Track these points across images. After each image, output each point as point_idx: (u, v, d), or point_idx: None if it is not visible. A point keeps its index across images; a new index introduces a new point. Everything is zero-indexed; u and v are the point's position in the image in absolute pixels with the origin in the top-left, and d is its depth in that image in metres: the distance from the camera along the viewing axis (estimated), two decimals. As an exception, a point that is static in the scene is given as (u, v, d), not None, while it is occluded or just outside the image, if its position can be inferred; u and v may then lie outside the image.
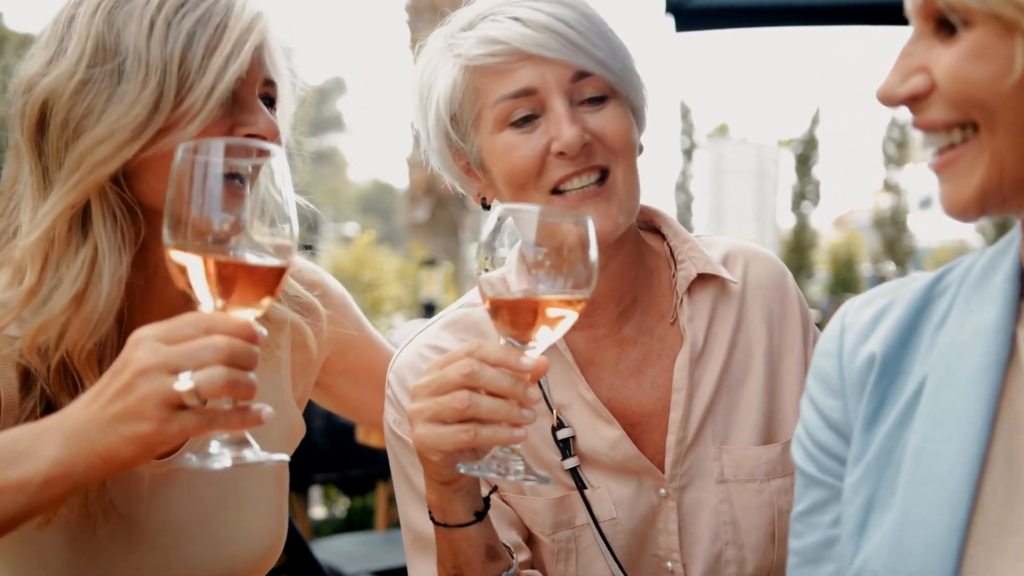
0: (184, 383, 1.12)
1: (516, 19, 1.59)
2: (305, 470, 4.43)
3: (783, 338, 1.80)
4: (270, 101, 1.62)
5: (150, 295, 1.63)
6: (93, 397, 1.19)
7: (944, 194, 1.09)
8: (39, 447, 1.19)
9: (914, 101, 1.09)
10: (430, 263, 11.58)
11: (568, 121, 1.58)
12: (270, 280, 1.22)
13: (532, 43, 1.57)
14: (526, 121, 1.60)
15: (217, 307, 1.19)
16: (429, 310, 9.64)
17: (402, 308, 10.16)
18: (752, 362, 1.77)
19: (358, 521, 6.07)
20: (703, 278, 1.78)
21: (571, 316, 1.35)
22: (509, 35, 1.58)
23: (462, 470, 1.39)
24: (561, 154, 1.59)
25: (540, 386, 1.71)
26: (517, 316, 1.34)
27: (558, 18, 1.59)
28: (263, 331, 1.18)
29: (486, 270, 1.36)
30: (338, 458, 4.65)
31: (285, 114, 1.68)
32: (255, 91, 1.57)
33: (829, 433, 1.30)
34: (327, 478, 4.85)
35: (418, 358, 1.76)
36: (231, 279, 1.18)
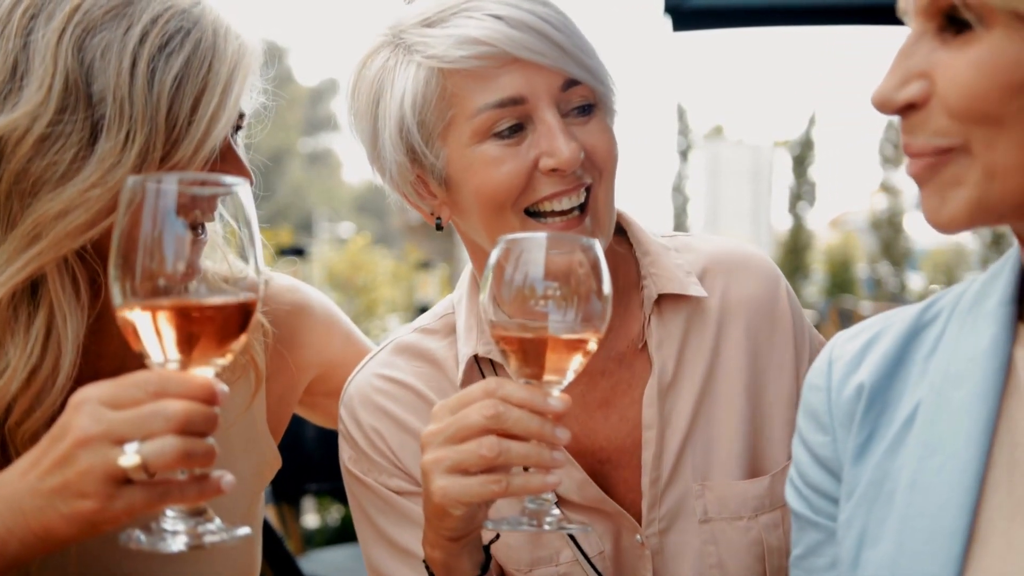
0: (130, 457, 0.99)
1: (496, 17, 1.42)
2: (298, 479, 4.32)
3: (770, 360, 1.62)
4: (239, 128, 1.46)
5: (103, 336, 1.44)
6: (30, 465, 1.05)
7: (927, 207, 1.02)
8: None
9: (909, 110, 1.00)
10: (425, 265, 11.52)
11: (564, 135, 1.42)
12: (235, 320, 1.06)
13: (520, 46, 1.40)
14: (512, 132, 1.44)
15: (173, 361, 1.04)
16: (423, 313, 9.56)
17: (397, 310, 10.09)
18: (732, 389, 1.60)
19: (351, 531, 5.99)
20: (673, 296, 1.60)
21: (592, 349, 1.23)
22: (493, 35, 1.40)
23: (490, 527, 1.26)
24: (553, 171, 1.43)
25: None
26: (534, 354, 1.21)
27: (542, 18, 1.43)
28: (224, 388, 1.03)
29: (490, 306, 1.22)
30: (331, 467, 4.54)
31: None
32: (232, 133, 1.42)
33: (820, 471, 1.25)
34: (320, 488, 4.75)
35: (370, 389, 1.62)
36: (190, 326, 1.03)
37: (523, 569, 1.56)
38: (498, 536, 1.50)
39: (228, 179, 1.09)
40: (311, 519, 6.26)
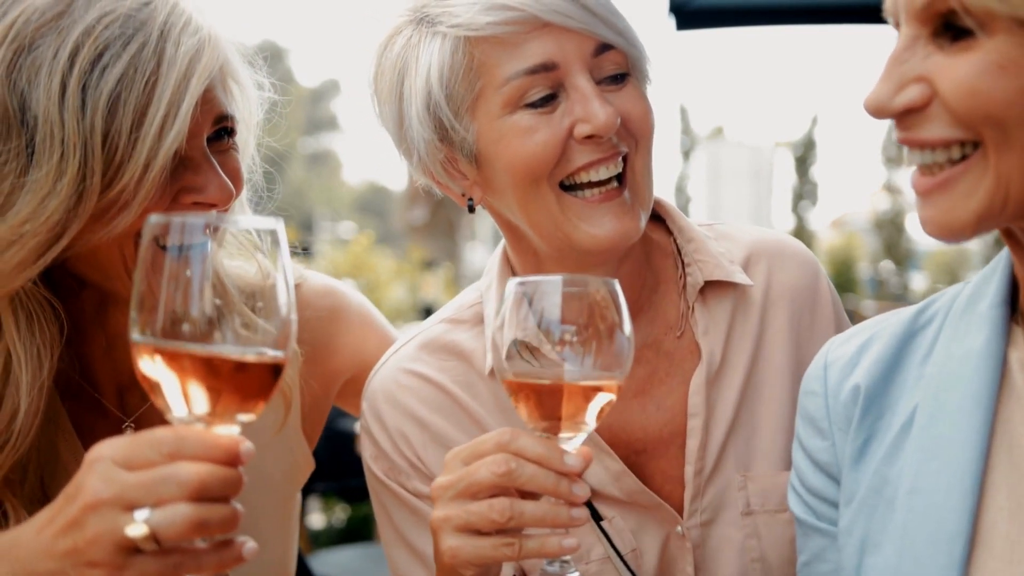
0: (138, 527, 0.90)
1: None
2: (300, 487, 4.33)
3: (812, 347, 1.57)
4: (227, 131, 1.36)
5: (113, 360, 1.40)
6: (46, 522, 0.99)
7: (932, 217, 1.00)
8: None
9: (908, 114, 0.99)
10: (429, 265, 11.50)
11: (599, 99, 1.37)
12: (264, 379, 0.97)
13: (549, 10, 1.35)
14: (545, 101, 1.39)
15: (196, 417, 0.96)
16: (428, 313, 9.55)
17: (401, 311, 10.07)
18: (776, 378, 1.57)
19: (357, 531, 5.99)
20: (718, 283, 1.57)
21: (611, 399, 1.16)
22: (521, 0, 1.35)
23: None
24: (589, 138, 1.39)
25: None
26: (551, 404, 1.13)
27: None
28: (250, 447, 0.94)
29: (518, 355, 1.15)
30: (338, 467, 4.56)
31: (249, 127, 1.45)
32: (203, 143, 1.30)
33: (820, 477, 1.25)
34: (327, 487, 4.76)
35: (395, 386, 1.57)
36: (214, 380, 0.94)
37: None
38: (524, 573, 1.45)
39: (258, 220, 1.01)
40: (316, 519, 6.26)
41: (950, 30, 0.95)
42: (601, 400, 1.15)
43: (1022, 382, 1.08)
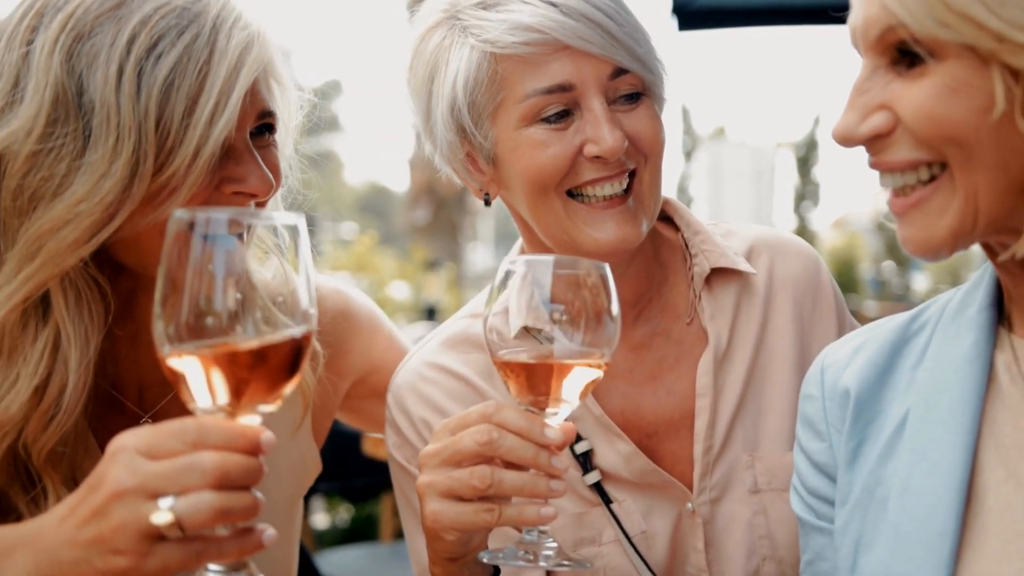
0: (163, 514, 0.93)
1: (551, 3, 1.45)
2: (307, 489, 4.34)
3: (814, 334, 1.68)
4: (268, 128, 1.41)
5: (136, 355, 1.43)
6: (67, 512, 1.01)
7: (911, 236, 1.04)
8: (7, 567, 1.03)
9: (875, 140, 1.03)
10: (432, 265, 11.51)
11: (609, 124, 1.46)
12: (287, 358, 1.00)
13: (572, 34, 1.44)
14: (559, 118, 1.48)
15: (219, 407, 0.99)
16: (431, 314, 9.56)
17: (405, 311, 10.09)
18: (780, 362, 1.66)
19: (362, 531, 6.00)
20: (723, 272, 1.66)
21: (596, 376, 1.23)
22: (546, 23, 1.44)
23: (484, 559, 1.27)
24: (596, 158, 1.48)
25: None
26: (536, 380, 1.20)
27: (595, 6, 1.46)
28: (270, 436, 0.98)
29: (496, 329, 1.23)
30: (342, 467, 4.58)
31: (288, 128, 1.49)
32: (246, 135, 1.35)
33: (819, 477, 1.29)
34: (331, 487, 4.77)
35: (418, 378, 1.65)
36: (236, 372, 0.97)
37: (568, 548, 1.57)
38: None
39: (281, 214, 1.04)
40: (320, 519, 6.27)
41: (906, 57, 0.99)
42: (586, 377, 1.20)
43: (1008, 383, 1.11)
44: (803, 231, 29.55)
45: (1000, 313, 1.16)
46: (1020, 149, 0.95)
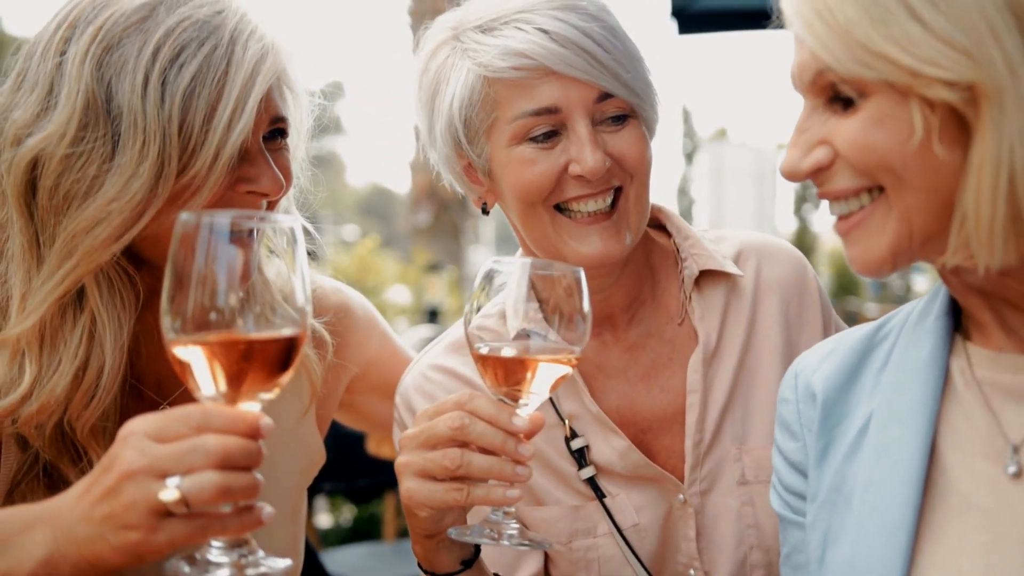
0: (170, 491, 1.01)
1: (543, 31, 1.53)
2: (312, 479, 4.37)
3: (801, 335, 1.76)
4: (281, 132, 1.50)
5: (154, 349, 1.50)
6: (84, 490, 1.09)
7: (854, 255, 1.13)
8: (26, 542, 1.10)
9: (818, 173, 1.12)
10: (434, 268, 11.53)
11: (591, 146, 1.53)
12: (283, 350, 1.09)
13: (559, 61, 1.51)
14: (546, 137, 1.56)
15: (221, 394, 1.07)
16: (433, 316, 9.59)
17: (406, 313, 10.11)
18: (768, 361, 1.73)
19: (365, 530, 6.03)
20: (712, 275, 1.74)
21: (565, 372, 1.32)
22: (536, 50, 1.51)
23: (452, 535, 1.36)
24: (579, 177, 1.55)
25: (551, 399, 1.68)
26: (508, 373, 1.30)
27: (586, 33, 1.54)
28: (269, 422, 1.06)
29: (476, 324, 1.32)
30: (346, 467, 4.61)
31: (300, 132, 1.57)
32: (259, 139, 1.45)
33: (795, 475, 1.37)
34: (334, 487, 4.80)
35: (424, 380, 1.73)
36: (237, 361, 1.06)
37: (563, 541, 1.67)
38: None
39: (279, 217, 1.12)
40: (324, 519, 6.30)
41: (838, 98, 1.09)
42: (556, 373, 1.30)
43: (962, 386, 1.20)
44: (804, 233, 29.57)
45: (957, 322, 1.25)
46: (943, 172, 1.04)
